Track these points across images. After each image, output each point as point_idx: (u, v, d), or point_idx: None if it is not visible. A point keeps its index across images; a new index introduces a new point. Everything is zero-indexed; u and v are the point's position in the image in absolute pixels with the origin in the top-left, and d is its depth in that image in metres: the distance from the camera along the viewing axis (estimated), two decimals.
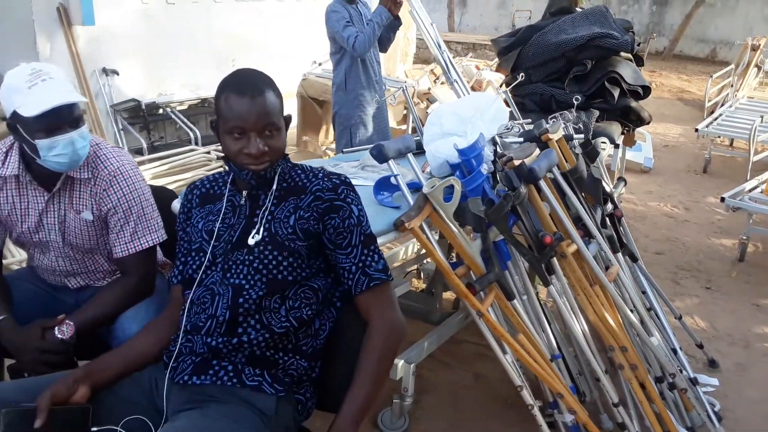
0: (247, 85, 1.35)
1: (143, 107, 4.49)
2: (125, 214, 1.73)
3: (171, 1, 4.74)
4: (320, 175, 1.48)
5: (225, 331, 1.38)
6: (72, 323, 1.63)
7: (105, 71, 4.37)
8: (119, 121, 4.39)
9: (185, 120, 4.69)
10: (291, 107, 5.07)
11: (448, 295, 3.03)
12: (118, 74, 4.40)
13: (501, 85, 3.87)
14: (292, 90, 5.26)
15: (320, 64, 5.57)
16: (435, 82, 6.29)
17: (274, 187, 1.45)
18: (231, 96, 1.35)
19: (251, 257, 1.40)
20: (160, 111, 4.68)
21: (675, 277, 3.63)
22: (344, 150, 3.05)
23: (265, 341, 1.38)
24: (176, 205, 1.98)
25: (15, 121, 1.57)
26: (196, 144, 4.58)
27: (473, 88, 5.78)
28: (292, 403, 1.42)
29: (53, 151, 1.57)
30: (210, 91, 5.02)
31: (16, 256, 2.98)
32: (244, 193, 1.47)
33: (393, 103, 3.38)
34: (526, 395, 1.91)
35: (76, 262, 1.81)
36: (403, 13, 3.62)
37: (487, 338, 1.90)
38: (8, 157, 1.68)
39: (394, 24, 3.65)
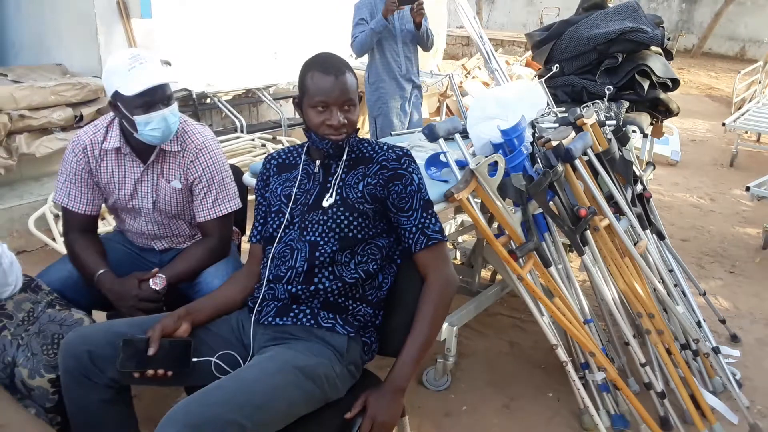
0: (331, 66, 1.56)
1: (194, 96, 4.73)
2: (208, 183, 1.95)
3: None
4: (385, 147, 1.68)
5: (303, 280, 1.59)
6: (163, 276, 1.87)
7: (159, 62, 4.63)
8: None
9: (231, 109, 4.93)
10: None
11: (485, 272, 3.23)
12: (170, 65, 4.65)
13: (534, 77, 4.04)
14: None
15: (357, 57, 5.77)
16: (466, 76, 6.47)
17: (345, 157, 1.67)
18: (317, 74, 1.55)
19: (325, 217, 1.61)
20: (208, 100, 4.92)
21: (700, 262, 3.78)
22: (393, 133, 3.26)
23: (338, 289, 1.59)
24: (247, 178, 2.21)
25: (116, 100, 1.80)
26: (242, 131, 4.80)
27: None
28: (360, 344, 1.62)
29: (149, 125, 1.80)
30: (253, 83, 5.28)
31: (105, 227, 3.31)
32: (318, 162, 1.68)
33: (440, 88, 3.57)
34: (561, 353, 2.10)
35: (163, 226, 2.04)
36: (436, 9, 3.79)
37: (525, 300, 2.09)
38: (109, 132, 1.91)
39: (417, 32, 3.82)
